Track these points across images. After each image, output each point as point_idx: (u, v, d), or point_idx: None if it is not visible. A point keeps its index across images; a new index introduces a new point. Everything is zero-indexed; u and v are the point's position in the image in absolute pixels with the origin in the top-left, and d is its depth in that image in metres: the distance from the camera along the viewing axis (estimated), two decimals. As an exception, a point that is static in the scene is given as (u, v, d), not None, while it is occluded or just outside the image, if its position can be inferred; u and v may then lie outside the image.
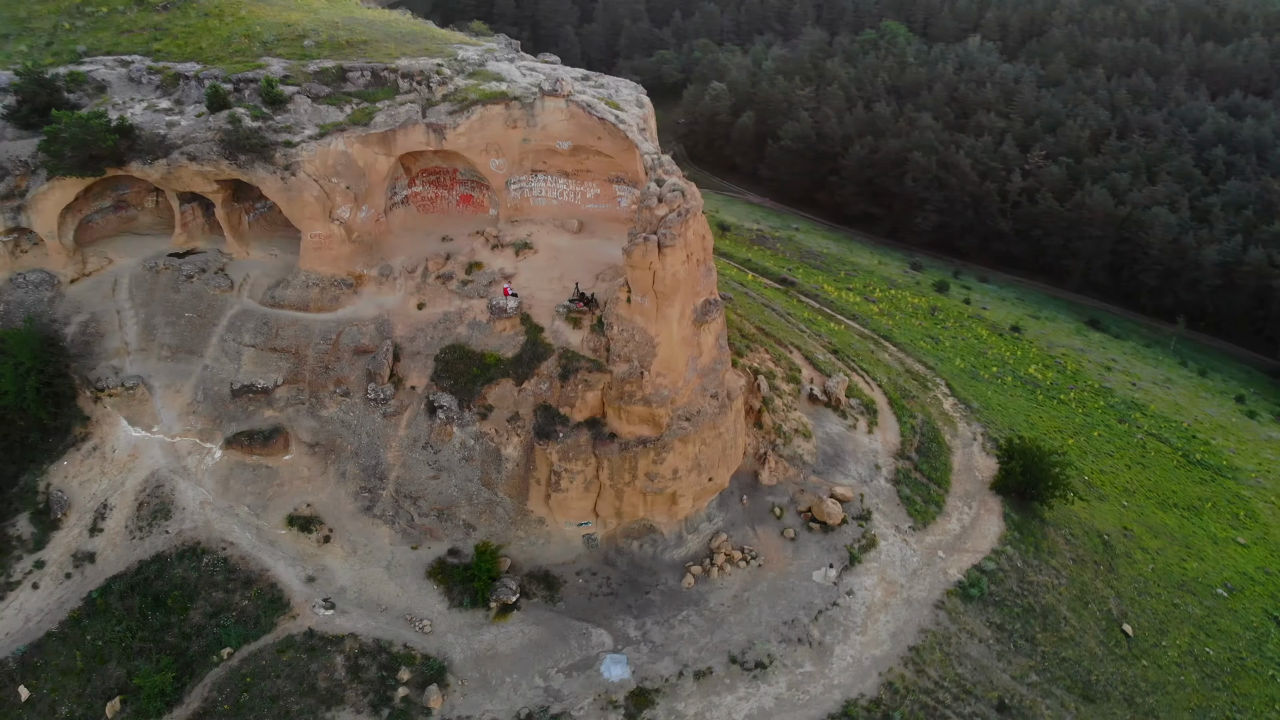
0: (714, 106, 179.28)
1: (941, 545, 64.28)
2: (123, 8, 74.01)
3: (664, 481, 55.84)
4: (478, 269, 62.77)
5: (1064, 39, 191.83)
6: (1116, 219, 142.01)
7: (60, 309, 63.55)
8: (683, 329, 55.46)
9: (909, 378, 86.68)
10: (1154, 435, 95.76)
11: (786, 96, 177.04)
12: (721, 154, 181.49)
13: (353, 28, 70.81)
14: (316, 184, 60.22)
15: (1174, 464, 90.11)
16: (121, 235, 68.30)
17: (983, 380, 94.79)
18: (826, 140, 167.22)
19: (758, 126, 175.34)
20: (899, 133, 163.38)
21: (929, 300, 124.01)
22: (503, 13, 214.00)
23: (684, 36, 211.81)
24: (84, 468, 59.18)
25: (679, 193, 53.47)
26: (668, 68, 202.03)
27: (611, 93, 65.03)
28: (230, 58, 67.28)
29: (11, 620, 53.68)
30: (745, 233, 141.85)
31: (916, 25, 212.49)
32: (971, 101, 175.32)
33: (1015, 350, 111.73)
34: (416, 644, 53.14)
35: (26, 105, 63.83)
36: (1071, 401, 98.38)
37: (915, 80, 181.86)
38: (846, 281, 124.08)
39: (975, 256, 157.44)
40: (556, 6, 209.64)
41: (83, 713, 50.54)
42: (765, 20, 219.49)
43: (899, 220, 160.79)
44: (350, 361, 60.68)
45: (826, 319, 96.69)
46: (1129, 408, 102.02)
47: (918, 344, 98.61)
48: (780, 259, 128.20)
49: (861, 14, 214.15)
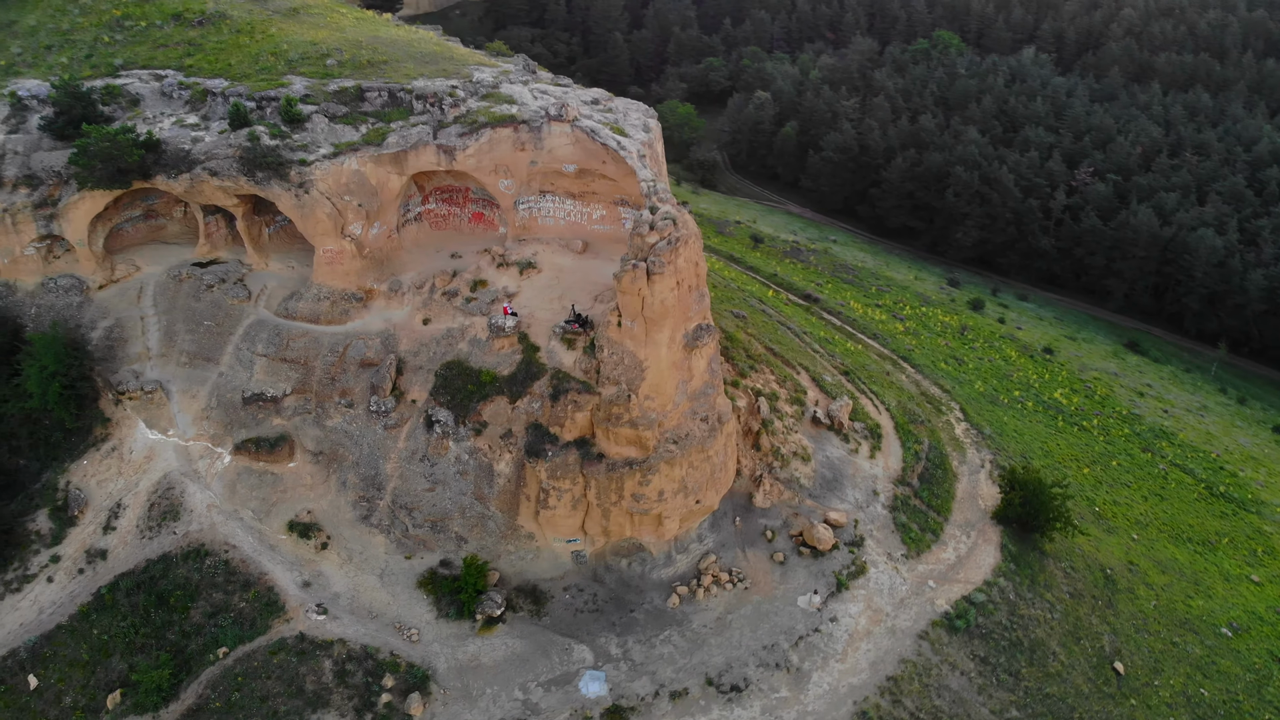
0: (758, 115, 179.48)
1: (933, 574, 64.38)
2: (160, 22, 76.93)
3: (649, 503, 56.91)
4: (482, 286, 64.44)
5: (1120, 52, 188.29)
6: (1161, 240, 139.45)
7: (88, 314, 66.61)
8: (673, 353, 56.41)
9: (922, 401, 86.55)
10: (1178, 465, 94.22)
11: (831, 107, 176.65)
12: (764, 163, 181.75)
13: (375, 47, 72.93)
14: (329, 201, 62.34)
15: (1194, 496, 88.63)
16: (150, 244, 71.30)
17: (1001, 405, 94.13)
18: (869, 152, 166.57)
19: (801, 136, 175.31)
20: (943, 146, 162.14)
21: (960, 319, 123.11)
22: (554, 18, 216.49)
23: (733, 44, 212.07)
24: (102, 467, 62.11)
25: (670, 221, 54.44)
26: (715, 75, 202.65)
27: (620, 117, 66.17)
28: (256, 75, 69.75)
29: (26, 611, 56.74)
30: (780, 244, 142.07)
31: (970, 35, 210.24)
32: (1021, 115, 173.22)
33: (1043, 373, 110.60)
34: (403, 652, 54.96)
35: (62, 117, 66.89)
36: (1094, 428, 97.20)
37: (964, 92, 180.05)
38: (877, 298, 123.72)
39: (1016, 274, 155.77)
40: (607, 12, 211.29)
41: (86, 703, 53.27)
42: (816, 28, 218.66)
43: (939, 235, 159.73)
44: (355, 374, 62.77)
45: (845, 338, 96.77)
46: (1155, 436, 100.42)
47: (938, 365, 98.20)
48: (811, 273, 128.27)
49: (914, 23, 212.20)
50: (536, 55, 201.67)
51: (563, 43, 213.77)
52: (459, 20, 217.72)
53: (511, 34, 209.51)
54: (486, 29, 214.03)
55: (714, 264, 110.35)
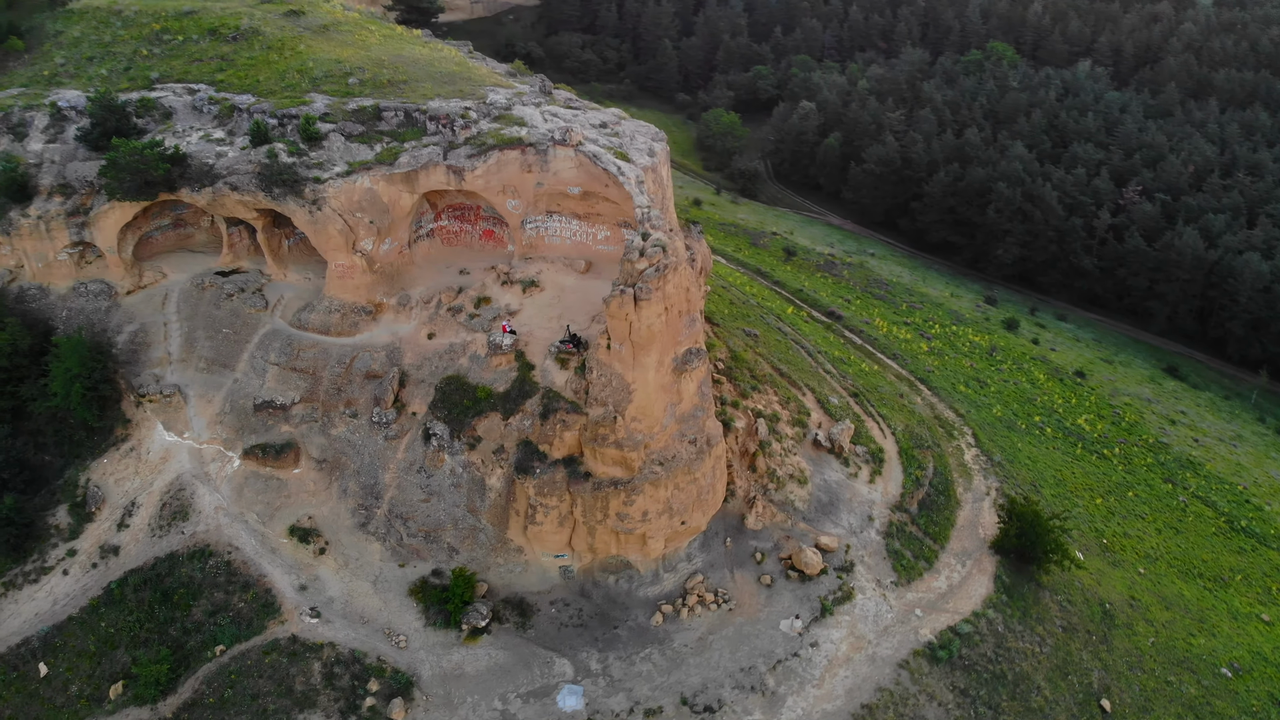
0: (802, 125, 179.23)
1: (922, 603, 64.61)
2: (197, 37, 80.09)
3: (633, 522, 58.15)
4: (485, 303, 66.23)
5: (1178, 68, 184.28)
6: (1206, 263, 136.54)
7: (115, 318, 69.81)
8: (661, 377, 57.56)
9: (935, 424, 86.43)
10: (1200, 497, 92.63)
11: (876, 118, 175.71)
12: (806, 174, 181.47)
13: (397, 66, 75.13)
14: (341, 218, 64.60)
15: (1212, 530, 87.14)
16: (178, 251, 74.33)
17: (1018, 430, 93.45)
18: (911, 165, 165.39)
19: (844, 148, 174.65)
20: (987, 161, 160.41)
21: (991, 339, 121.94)
22: (605, 24, 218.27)
23: (783, 52, 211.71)
24: (120, 466, 65.17)
25: (660, 249, 55.55)
26: (763, 83, 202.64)
27: (626, 141, 67.38)
28: (282, 92, 72.37)
29: (41, 602, 59.89)
30: (814, 257, 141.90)
31: (1025, 47, 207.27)
32: (1071, 131, 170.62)
33: (1070, 397, 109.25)
34: (390, 657, 56.95)
35: (98, 129, 70.17)
36: (1115, 457, 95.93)
37: (1014, 105, 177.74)
38: (906, 315, 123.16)
39: (1056, 293, 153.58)
40: (658, 19, 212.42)
41: (90, 692, 56.13)
42: (868, 37, 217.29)
43: (980, 251, 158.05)
44: (361, 385, 64.97)
45: (863, 357, 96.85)
46: (1181, 466, 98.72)
47: (957, 388, 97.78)
48: (841, 288, 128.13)
49: (968, 34, 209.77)
50: (586, 61, 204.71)
51: (612, 49, 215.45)
52: (512, 25, 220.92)
53: (562, 39, 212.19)
54: (538, 34, 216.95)
55: (738, 279, 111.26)
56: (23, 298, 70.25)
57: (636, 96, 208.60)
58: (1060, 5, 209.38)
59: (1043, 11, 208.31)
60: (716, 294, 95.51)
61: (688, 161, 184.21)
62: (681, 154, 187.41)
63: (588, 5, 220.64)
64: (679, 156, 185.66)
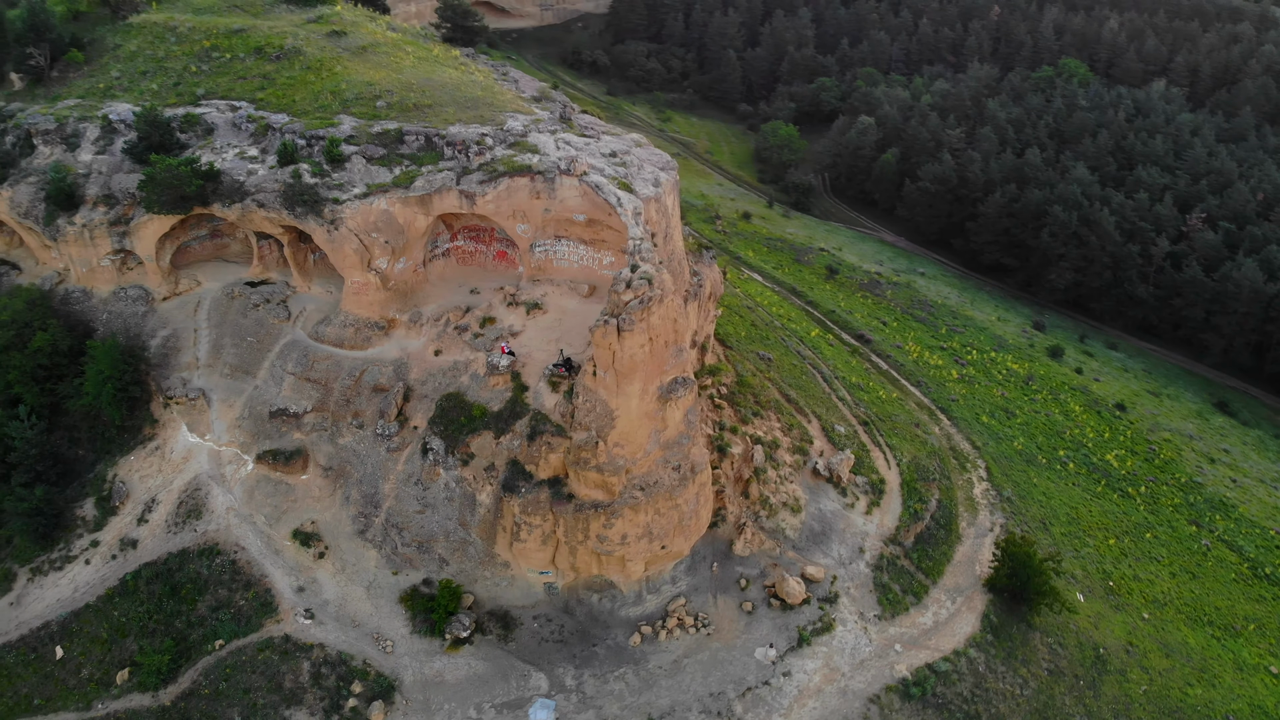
0: (860, 140, 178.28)
1: (904, 638, 65.06)
2: (243, 55, 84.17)
3: (612, 545, 59.97)
4: (490, 323, 68.72)
5: (1256, 90, 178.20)
6: (1265, 296, 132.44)
7: (150, 323, 74.18)
8: (645, 404, 59.19)
9: (948, 456, 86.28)
10: (1225, 541, 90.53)
11: (935, 135, 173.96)
12: (862, 189, 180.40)
13: (425, 90, 78.01)
14: (356, 238, 67.69)
15: (1232, 576, 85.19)
16: (213, 261, 78.54)
17: (1038, 465, 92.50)
18: (968, 184, 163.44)
19: (901, 164, 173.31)
20: (1045, 182, 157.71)
21: (1030, 367, 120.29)
22: (671, 33, 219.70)
23: (848, 65, 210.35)
24: (145, 464, 69.35)
25: (646, 281, 57.19)
26: (826, 95, 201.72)
27: (634, 171, 69.07)
28: (314, 112, 75.90)
29: (64, 589, 64.28)
30: (859, 275, 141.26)
31: (1099, 65, 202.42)
32: (1137, 153, 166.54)
33: (1104, 431, 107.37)
34: (375, 661, 59.79)
35: (143, 143, 74.57)
36: (1140, 495, 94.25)
37: (1081, 125, 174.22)
38: (944, 339, 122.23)
39: (1110, 320, 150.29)
40: (723, 29, 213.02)
41: (100, 677, 60.21)
42: (937, 51, 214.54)
43: (1033, 274, 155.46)
44: (368, 397, 68.01)
45: (884, 384, 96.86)
46: (1211, 508, 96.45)
47: (980, 418, 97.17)
48: (881, 309, 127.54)
49: (1040, 50, 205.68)
50: (650, 70, 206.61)
51: (677, 58, 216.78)
52: (580, 33, 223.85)
53: (628, 48, 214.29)
54: (605, 42, 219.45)
55: (769, 298, 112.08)
56: (68, 300, 75.09)
57: (699, 106, 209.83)
58: (1137, 23, 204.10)
59: (1119, 29, 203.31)
60: (738, 315, 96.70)
61: (743, 173, 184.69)
62: (738, 165, 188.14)
63: (655, 14, 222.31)
64: (735, 167, 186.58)
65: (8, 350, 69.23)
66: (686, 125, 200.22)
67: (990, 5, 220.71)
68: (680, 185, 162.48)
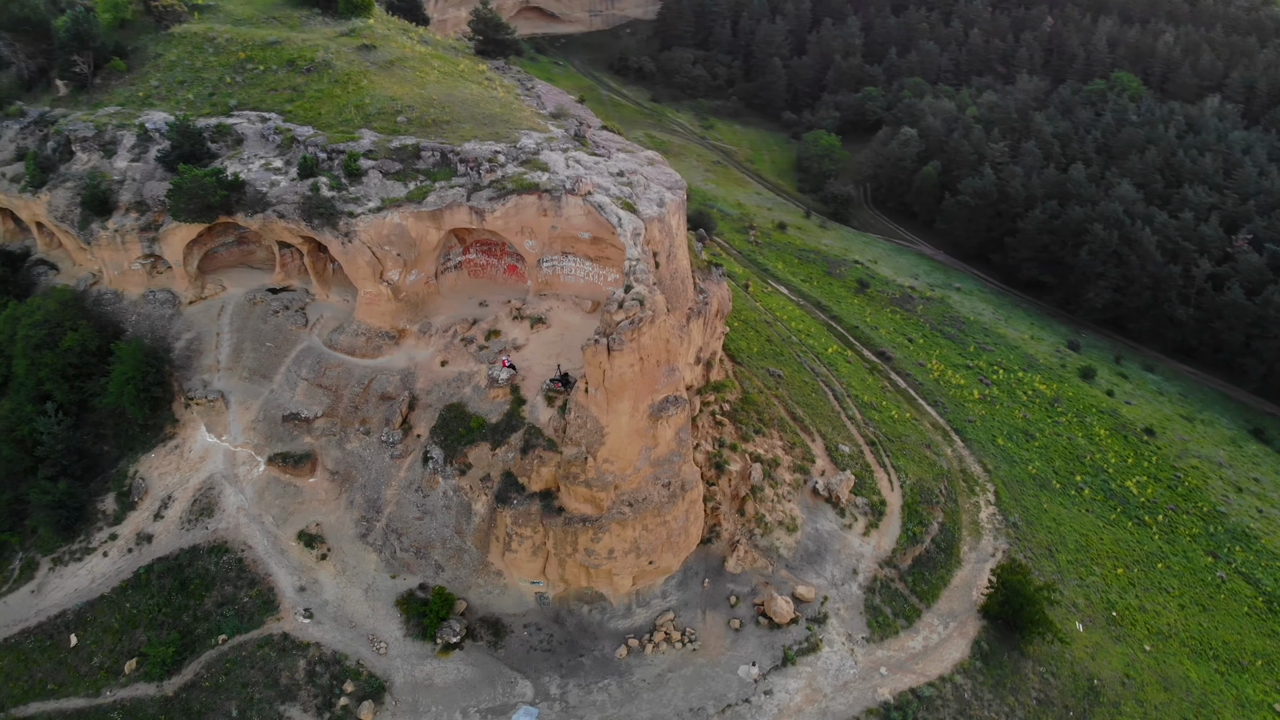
0: (901, 152, 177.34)
1: (890, 661, 65.46)
2: (276, 67, 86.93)
3: (599, 558, 61.31)
4: (495, 336, 70.46)
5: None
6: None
7: (176, 325, 77.28)
8: (635, 422, 60.40)
9: (958, 479, 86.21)
10: (1242, 574, 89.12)
11: (978, 149, 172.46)
12: (902, 200, 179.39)
13: (445, 105, 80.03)
14: (369, 250, 69.89)
15: (1245, 610, 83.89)
16: (239, 267, 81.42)
17: (1051, 489, 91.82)
18: (1008, 199, 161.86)
19: (942, 177, 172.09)
20: (1087, 199, 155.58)
21: (1057, 388, 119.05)
22: (718, 40, 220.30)
23: (895, 74, 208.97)
24: (165, 462, 72.34)
25: (638, 302, 58.41)
26: (872, 105, 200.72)
27: (639, 191, 70.23)
28: (338, 126, 78.32)
29: (82, 579, 67.46)
30: (890, 290, 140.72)
31: (1153, 80, 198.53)
32: (1186, 171, 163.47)
33: (1128, 456, 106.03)
34: (368, 662, 61.87)
35: (175, 152, 77.58)
36: (1157, 524, 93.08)
37: (1129, 141, 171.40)
38: (972, 357, 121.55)
39: (1148, 341, 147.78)
40: (770, 38, 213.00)
41: (110, 665, 63.18)
42: (987, 62, 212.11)
43: (1071, 292, 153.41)
44: (376, 405, 70.19)
45: (898, 403, 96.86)
46: (1232, 538, 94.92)
47: (995, 441, 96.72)
48: (909, 324, 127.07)
49: (1093, 63, 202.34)
50: (696, 77, 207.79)
51: (723, 65, 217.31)
52: (629, 38, 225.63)
53: (675, 55, 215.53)
54: (652, 48, 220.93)
55: (791, 312, 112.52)
56: (100, 301, 78.59)
57: (742, 113, 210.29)
58: (1193, 37, 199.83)
59: (1174, 43, 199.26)
60: (754, 329, 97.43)
61: (783, 182, 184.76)
62: (778, 174, 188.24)
63: (702, 21, 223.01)
64: (775, 176, 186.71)
65: (40, 349, 72.75)
66: (729, 133, 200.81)
67: (1044, 16, 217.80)
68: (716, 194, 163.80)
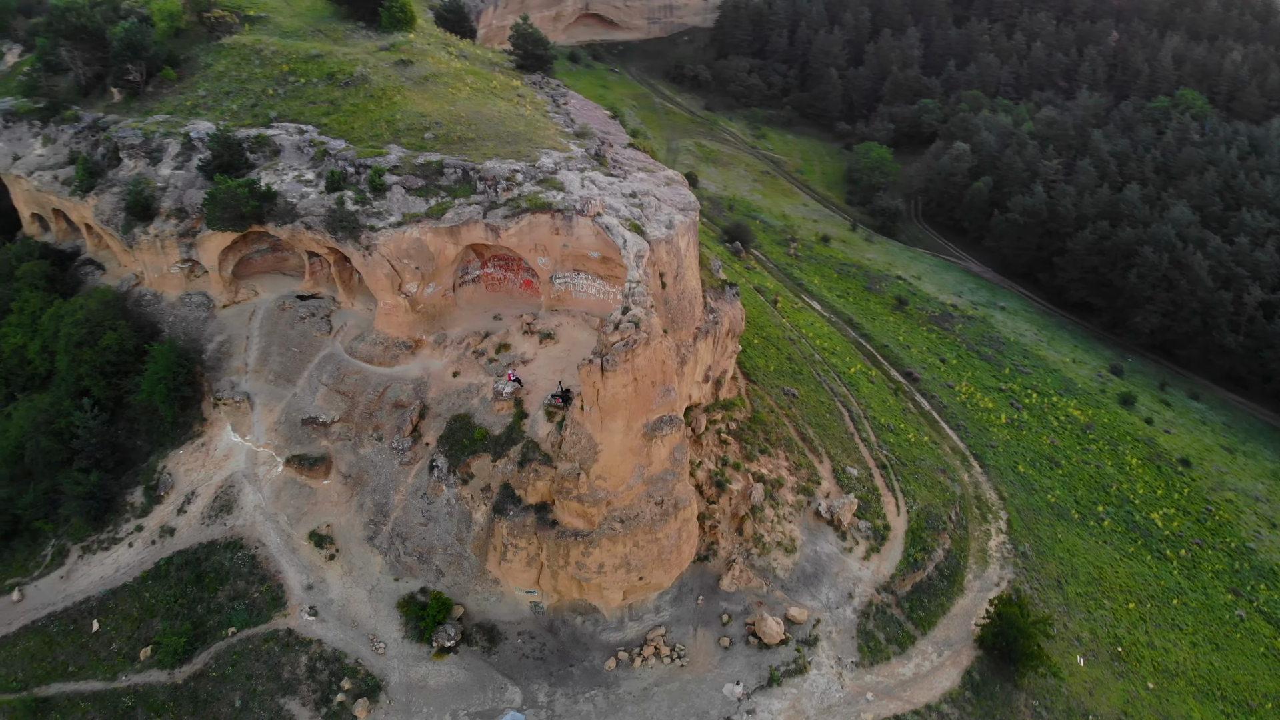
0: (952, 167, 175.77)
1: (878, 687, 65.96)
2: (317, 80, 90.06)
3: (589, 572, 62.94)
4: (505, 350, 72.53)
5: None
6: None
7: (209, 328, 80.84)
8: (629, 440, 61.88)
9: (971, 505, 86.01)
10: (1264, 613, 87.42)
11: (1030, 166, 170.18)
12: (952, 216, 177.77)
13: (472, 123, 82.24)
14: (388, 263, 72.46)
15: (1261, 650, 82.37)
16: (272, 273, 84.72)
17: (1069, 519, 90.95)
18: (1058, 218, 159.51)
19: (993, 193, 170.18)
20: (1139, 221, 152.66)
21: (1092, 415, 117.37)
22: (775, 49, 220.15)
23: (953, 87, 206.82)
24: (191, 459, 75.82)
25: (633, 325, 59.87)
26: (928, 117, 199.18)
27: (650, 213, 71.60)
28: (369, 140, 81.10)
29: (107, 568, 71.17)
30: (930, 307, 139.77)
31: (1219, 98, 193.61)
32: (1245, 194, 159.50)
33: (1158, 488, 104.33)
34: (366, 661, 64.38)
35: (215, 161, 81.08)
36: (1178, 558, 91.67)
37: (1189, 161, 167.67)
38: (1006, 379, 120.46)
39: (1196, 367, 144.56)
40: (828, 48, 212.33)
41: (127, 651, 66.66)
42: (1049, 76, 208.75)
43: (1119, 315, 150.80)
44: (389, 412, 72.74)
45: (918, 425, 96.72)
46: (1258, 576, 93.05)
47: (1016, 468, 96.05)
48: (944, 344, 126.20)
49: (1157, 80, 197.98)
50: (750, 86, 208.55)
51: (779, 74, 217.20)
52: (686, 46, 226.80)
53: (730, 63, 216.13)
54: (708, 56, 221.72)
55: (820, 329, 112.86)
56: (140, 301, 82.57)
57: (796, 123, 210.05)
58: (1262, 55, 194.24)
59: (1242, 61, 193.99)
60: (775, 346, 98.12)
61: (832, 194, 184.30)
62: (827, 185, 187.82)
63: (759, 30, 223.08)
64: (824, 187, 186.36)
65: (80, 346, 76.79)
66: (780, 143, 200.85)
67: (1109, 30, 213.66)
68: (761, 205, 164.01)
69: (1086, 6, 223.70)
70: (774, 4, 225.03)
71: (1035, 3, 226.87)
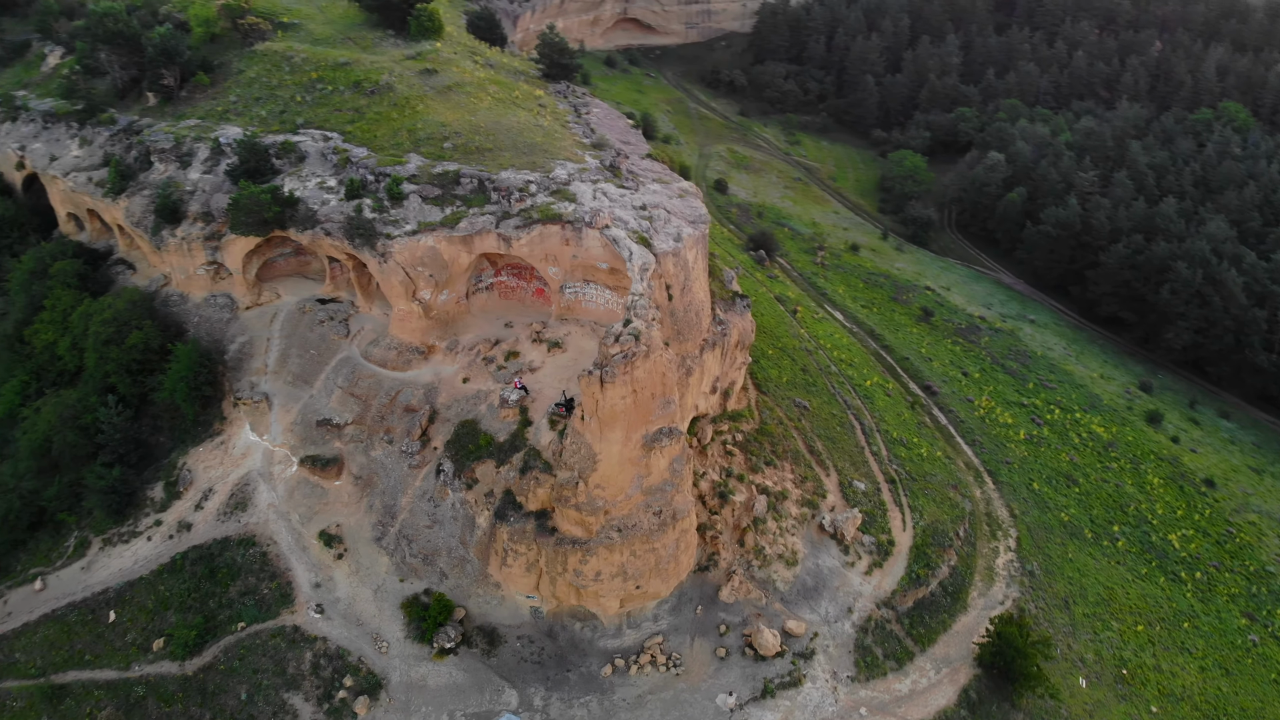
0: (986, 177, 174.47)
1: (873, 702, 66.25)
2: (344, 88, 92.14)
3: (586, 580, 63.97)
4: (514, 358, 73.79)
5: None
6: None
7: (231, 329, 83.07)
8: (628, 450, 62.80)
9: (981, 522, 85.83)
10: (1279, 639, 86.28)
11: (1066, 177, 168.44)
12: (985, 226, 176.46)
13: (491, 133, 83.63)
14: (403, 270, 74.06)
15: (1274, 677, 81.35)
16: (295, 276, 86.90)
17: (1081, 538, 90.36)
18: (1091, 231, 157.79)
19: (1026, 205, 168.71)
20: (1174, 235, 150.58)
21: (1116, 432, 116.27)
22: (812, 55, 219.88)
23: (991, 95, 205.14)
24: (210, 456, 78.04)
25: (634, 338, 60.79)
26: (965, 125, 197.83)
27: (659, 226, 72.47)
28: (390, 148, 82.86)
29: (126, 560, 73.56)
30: (957, 319, 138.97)
31: (1264, 111, 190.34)
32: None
33: (1177, 508, 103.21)
34: (369, 659, 65.96)
35: (242, 167, 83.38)
36: (1193, 580, 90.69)
37: (1229, 175, 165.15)
38: (1030, 394, 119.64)
39: (1228, 385, 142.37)
40: (865, 54, 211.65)
41: (141, 642, 68.86)
42: (1090, 86, 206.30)
43: (1151, 331, 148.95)
44: (400, 416, 74.35)
45: (932, 440, 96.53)
46: (1276, 600, 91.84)
47: (1030, 485, 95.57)
48: (968, 357, 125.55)
49: (1200, 91, 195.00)
50: (786, 91, 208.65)
51: (815, 80, 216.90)
52: (723, 51, 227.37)
53: (767, 69, 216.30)
54: (745, 62, 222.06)
55: (839, 339, 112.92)
56: (166, 301, 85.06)
57: (831, 129, 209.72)
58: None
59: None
60: (790, 358, 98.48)
61: (864, 201, 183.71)
62: (860, 193, 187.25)
63: (797, 36, 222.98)
64: (856, 195, 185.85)
65: (108, 344, 79.38)
66: (814, 149, 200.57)
67: (1152, 40, 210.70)
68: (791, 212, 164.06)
69: (1130, 16, 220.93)
70: (812, 10, 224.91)
71: (1078, 11, 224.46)
